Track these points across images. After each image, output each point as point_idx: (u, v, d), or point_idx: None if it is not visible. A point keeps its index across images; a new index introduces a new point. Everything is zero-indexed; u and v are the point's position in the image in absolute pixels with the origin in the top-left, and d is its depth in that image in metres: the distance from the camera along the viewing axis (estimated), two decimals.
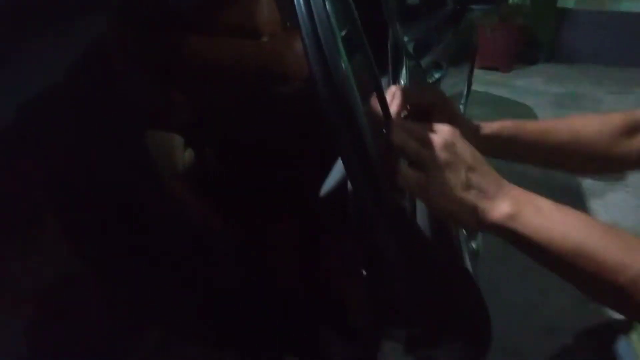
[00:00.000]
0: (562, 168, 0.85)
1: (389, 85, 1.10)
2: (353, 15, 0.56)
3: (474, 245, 1.05)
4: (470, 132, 0.68)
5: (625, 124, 0.80)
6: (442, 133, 0.55)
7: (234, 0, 1.13)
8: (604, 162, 0.81)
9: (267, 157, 1.27)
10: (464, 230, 0.69)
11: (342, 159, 0.48)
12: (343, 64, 0.45)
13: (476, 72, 3.14)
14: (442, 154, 0.53)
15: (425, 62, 1.44)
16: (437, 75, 1.50)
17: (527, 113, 3.96)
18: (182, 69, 1.23)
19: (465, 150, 0.55)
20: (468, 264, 0.59)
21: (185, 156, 1.38)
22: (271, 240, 1.18)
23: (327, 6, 0.46)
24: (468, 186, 0.53)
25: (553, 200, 0.54)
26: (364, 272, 0.62)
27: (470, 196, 0.53)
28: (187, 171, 1.35)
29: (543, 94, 4.36)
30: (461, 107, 2.50)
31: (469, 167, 0.54)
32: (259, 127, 1.26)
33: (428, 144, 0.54)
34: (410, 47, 1.34)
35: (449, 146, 0.53)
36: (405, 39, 1.31)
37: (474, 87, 3.04)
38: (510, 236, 0.53)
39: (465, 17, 2.18)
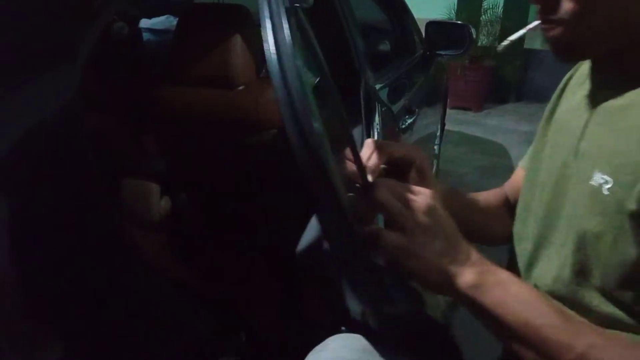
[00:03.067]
0: (481, 238, 0.86)
1: (363, 133, 1.13)
2: (323, 69, 0.57)
3: None
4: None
5: (502, 200, 0.87)
6: (425, 197, 0.55)
7: (207, 52, 1.16)
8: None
9: (240, 203, 1.28)
10: None
11: (317, 217, 0.49)
12: (315, 123, 0.47)
13: (449, 112, 3.22)
14: (423, 218, 0.54)
15: (396, 107, 1.49)
16: (409, 121, 1.54)
17: (500, 151, 4.05)
18: (157, 119, 1.25)
19: (444, 217, 0.56)
20: (446, 316, 0.62)
21: (162, 204, 1.38)
22: (245, 292, 1.17)
23: (298, 61, 0.48)
24: (442, 253, 0.54)
25: None
26: (344, 328, 0.63)
27: (443, 263, 0.53)
28: (163, 218, 1.35)
29: (514, 132, 4.48)
30: (436, 147, 2.55)
31: (445, 235, 0.55)
32: (232, 174, 1.27)
33: (411, 206, 0.54)
34: (383, 94, 1.38)
35: (430, 211, 0.54)
36: (377, 86, 1.35)
37: (448, 127, 3.11)
38: (471, 304, 0.54)
39: (435, 62, 2.25)
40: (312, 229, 0.73)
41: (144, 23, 2.30)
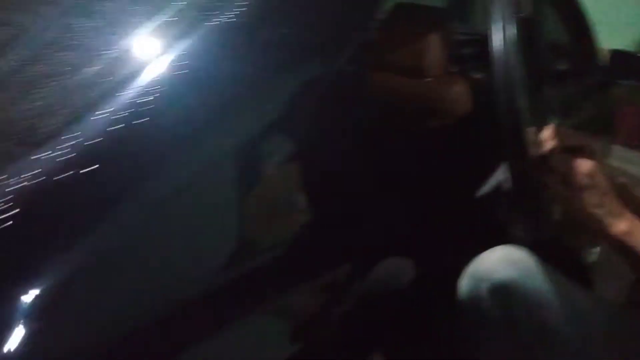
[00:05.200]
0: None
1: None
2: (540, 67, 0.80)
3: None
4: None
5: None
6: (589, 165, 0.79)
7: (409, 44, 1.36)
8: None
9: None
10: None
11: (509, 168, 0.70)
12: (520, 103, 0.68)
13: (617, 148, 3.12)
14: (585, 179, 0.77)
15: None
16: None
17: None
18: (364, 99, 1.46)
19: (602, 181, 0.78)
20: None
21: None
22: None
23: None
24: (600, 206, 0.76)
25: None
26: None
27: (600, 212, 0.76)
28: None
29: None
30: None
31: (603, 193, 0.77)
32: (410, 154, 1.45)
33: (578, 171, 0.78)
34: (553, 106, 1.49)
35: (591, 175, 0.78)
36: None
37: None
38: (621, 247, 0.74)
39: (612, 91, 2.26)
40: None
41: None
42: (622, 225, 0.75)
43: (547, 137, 0.84)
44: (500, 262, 0.80)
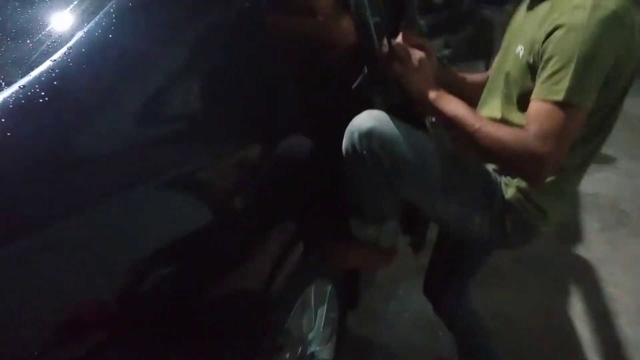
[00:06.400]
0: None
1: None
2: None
3: None
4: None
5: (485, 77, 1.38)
6: (419, 54, 1.16)
7: None
8: None
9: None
10: None
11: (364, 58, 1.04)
12: (371, 22, 1.02)
13: None
14: (415, 62, 1.13)
15: (438, 43, 1.92)
16: (446, 52, 1.96)
17: None
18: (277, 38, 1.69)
19: (428, 65, 1.15)
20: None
21: None
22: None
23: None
24: (421, 81, 1.13)
25: None
26: None
27: (421, 85, 1.13)
28: None
29: None
30: None
31: (425, 73, 1.13)
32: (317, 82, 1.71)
33: (411, 55, 1.14)
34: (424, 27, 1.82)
35: (420, 61, 1.14)
36: (422, 22, 1.78)
37: None
38: (432, 108, 1.12)
39: (480, 15, 2.63)
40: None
41: None
42: (432, 94, 1.12)
43: (398, 38, 1.21)
44: (365, 118, 1.17)
